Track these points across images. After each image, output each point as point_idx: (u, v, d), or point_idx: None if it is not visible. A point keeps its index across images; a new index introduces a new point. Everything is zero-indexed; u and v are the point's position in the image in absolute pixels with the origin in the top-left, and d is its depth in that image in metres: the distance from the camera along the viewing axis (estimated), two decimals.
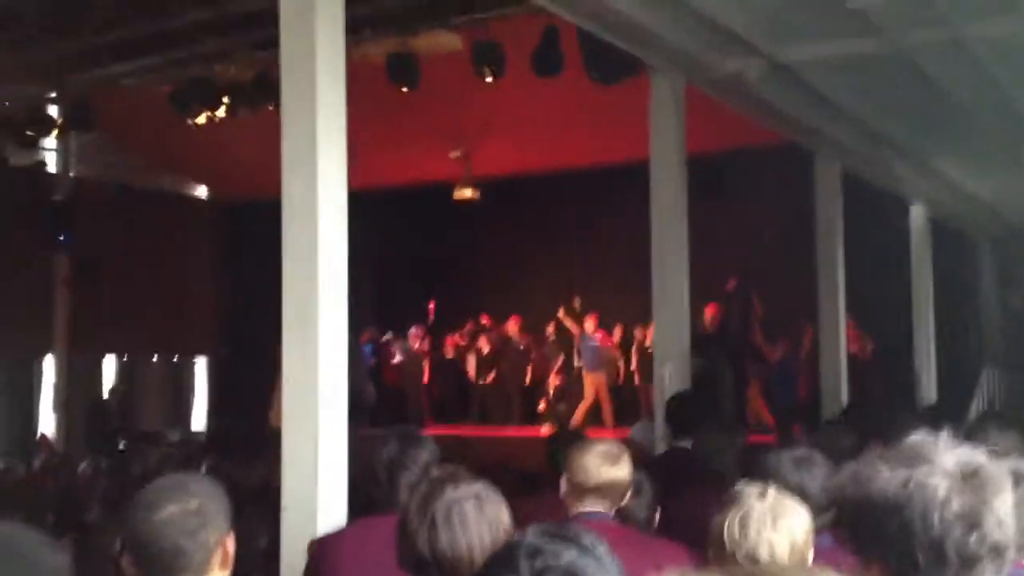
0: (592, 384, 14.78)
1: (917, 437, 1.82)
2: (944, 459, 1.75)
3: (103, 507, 6.92)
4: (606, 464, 3.38)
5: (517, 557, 1.59)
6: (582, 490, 3.38)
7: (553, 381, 15.54)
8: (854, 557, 2.27)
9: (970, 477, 1.73)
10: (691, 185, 8.70)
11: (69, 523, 5.97)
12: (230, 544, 2.44)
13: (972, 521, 1.70)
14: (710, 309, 13.17)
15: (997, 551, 1.72)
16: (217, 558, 2.40)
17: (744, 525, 2.54)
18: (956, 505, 1.70)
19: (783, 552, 2.52)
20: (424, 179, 15.57)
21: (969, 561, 1.70)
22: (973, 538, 1.70)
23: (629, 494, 3.49)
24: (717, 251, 12.85)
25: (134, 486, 7.81)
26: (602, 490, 3.37)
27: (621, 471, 3.41)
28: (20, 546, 1.71)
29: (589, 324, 14.83)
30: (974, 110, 9.84)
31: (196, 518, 2.36)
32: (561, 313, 15.23)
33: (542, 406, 15.52)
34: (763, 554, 2.50)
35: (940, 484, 1.72)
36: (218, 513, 2.43)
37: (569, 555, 1.59)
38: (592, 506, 3.39)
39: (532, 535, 1.65)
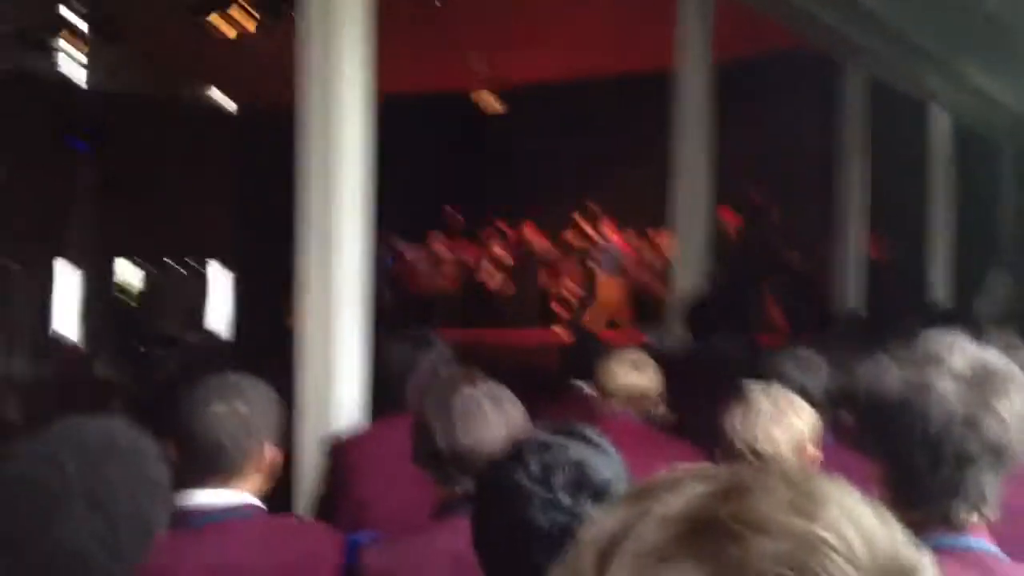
0: (609, 289, 14.81)
1: (932, 339, 1.83)
2: (955, 360, 1.77)
3: (126, 408, 7.01)
4: (633, 371, 3.52)
5: (526, 450, 1.62)
6: (607, 394, 3.51)
7: (570, 286, 15.58)
8: (854, 455, 2.29)
9: (977, 378, 1.75)
10: (716, 91, 8.59)
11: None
12: (271, 453, 2.47)
13: (971, 422, 1.72)
14: (730, 217, 13.12)
15: (996, 450, 1.74)
16: (255, 465, 2.44)
17: (747, 420, 2.60)
18: (956, 405, 1.73)
19: (786, 447, 2.57)
20: (447, 87, 15.44)
21: (965, 460, 1.73)
22: (971, 437, 1.72)
23: (656, 402, 3.63)
24: (739, 158, 12.75)
25: (156, 388, 7.90)
26: (626, 395, 3.49)
27: (646, 378, 3.54)
28: (125, 438, 1.74)
29: (608, 229, 14.81)
30: (1003, 16, 9.65)
31: (242, 422, 2.40)
32: (579, 219, 15.20)
33: (558, 310, 15.59)
34: (766, 448, 2.54)
35: (943, 384, 1.74)
36: (264, 422, 2.47)
37: (577, 448, 1.62)
38: (618, 409, 3.53)
39: (541, 431, 1.68)
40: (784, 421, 2.60)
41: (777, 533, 0.71)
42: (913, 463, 1.76)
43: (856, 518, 0.73)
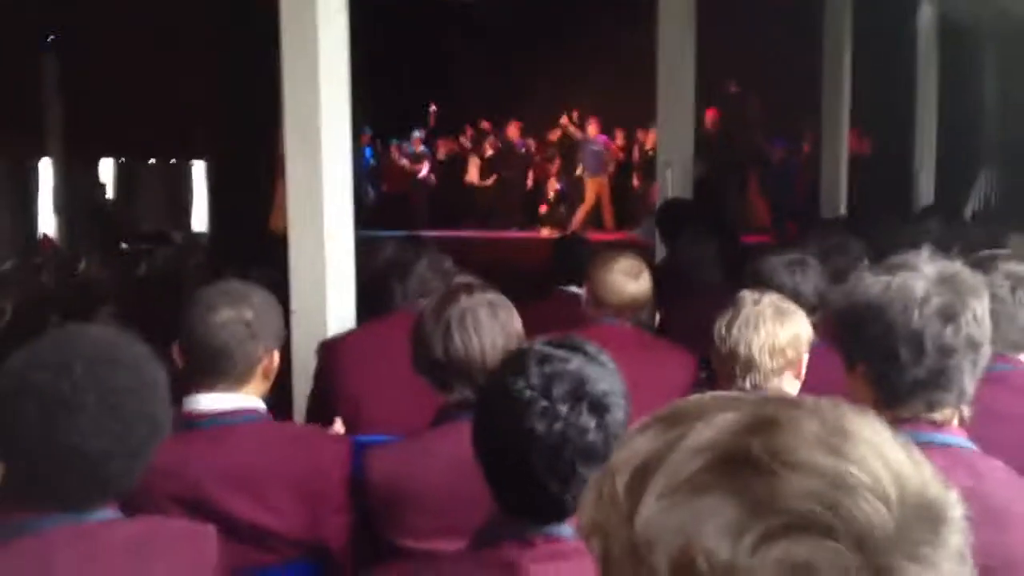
0: (593, 187, 14.81)
1: (907, 254, 1.93)
2: (927, 267, 1.89)
3: (111, 305, 7.03)
4: (630, 281, 3.52)
5: (528, 362, 1.67)
6: (605, 305, 3.51)
7: (553, 184, 15.55)
8: (837, 358, 2.35)
9: (948, 279, 1.87)
10: None
11: (77, 322, 6.05)
12: (275, 359, 2.54)
13: (948, 315, 1.83)
14: (711, 112, 13.06)
15: (972, 344, 1.85)
16: (259, 370, 2.50)
17: (735, 323, 2.64)
18: (935, 302, 1.84)
19: (781, 352, 2.61)
20: None
21: (946, 352, 1.84)
22: (949, 330, 1.83)
23: (647, 308, 3.64)
24: (722, 53, 12.64)
25: (139, 285, 7.92)
26: (624, 305, 3.51)
27: (642, 286, 3.54)
28: (122, 343, 1.78)
29: (592, 128, 14.74)
30: None
31: (247, 328, 2.44)
32: (564, 120, 15.10)
33: (543, 208, 15.59)
34: (742, 350, 2.60)
35: (919, 284, 1.85)
36: (269, 328, 2.52)
37: (576, 361, 1.67)
38: (608, 312, 3.53)
39: (541, 343, 1.73)
40: (779, 327, 2.63)
41: (808, 470, 0.74)
42: (898, 357, 1.85)
43: (885, 455, 0.76)
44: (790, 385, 2.64)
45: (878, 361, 1.89)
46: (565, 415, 1.61)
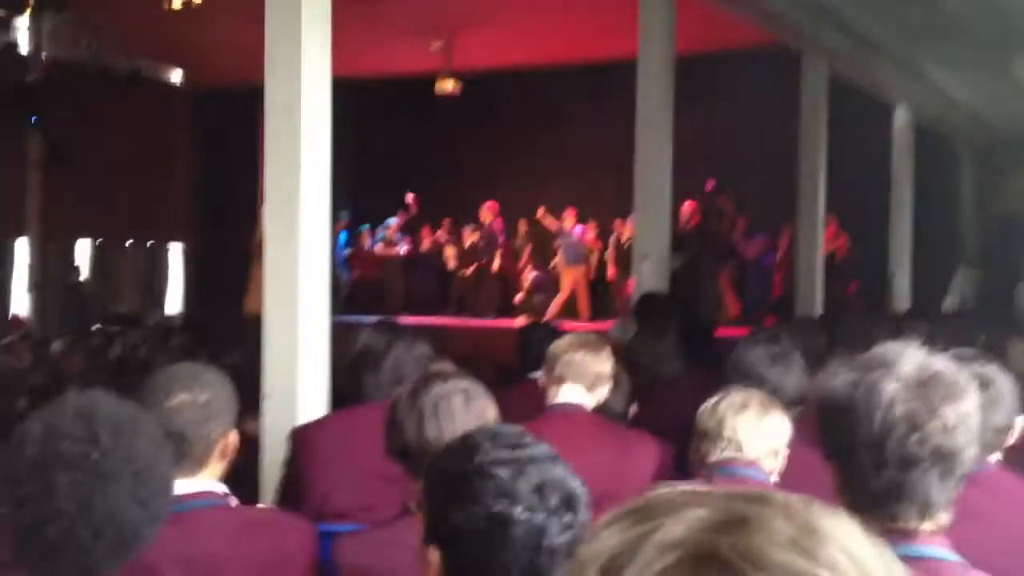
0: (569, 278, 14.86)
1: (887, 345, 1.85)
2: (904, 364, 1.77)
3: (80, 388, 6.93)
4: (585, 346, 3.40)
5: (489, 465, 1.66)
6: (560, 367, 3.37)
7: (527, 273, 15.60)
8: (818, 452, 2.32)
9: (924, 383, 1.75)
10: (678, 84, 8.63)
11: (46, 404, 5.97)
12: (232, 438, 2.51)
13: (914, 423, 1.72)
14: (687, 207, 13.21)
15: (941, 455, 1.73)
16: (217, 451, 2.47)
17: (721, 413, 2.65)
18: (899, 408, 1.73)
19: (757, 440, 2.62)
20: (405, 71, 15.39)
21: (908, 462, 1.73)
22: (913, 439, 1.72)
23: (609, 387, 3.49)
24: (700, 151, 12.83)
25: (111, 367, 7.80)
26: (577, 369, 3.35)
27: (596, 355, 3.40)
28: (129, 408, 1.81)
29: (568, 219, 14.84)
30: (962, 14, 9.78)
31: (204, 410, 2.42)
32: (541, 210, 15.21)
33: (518, 298, 15.61)
34: (727, 429, 2.61)
35: (888, 387, 1.74)
36: (226, 408, 2.50)
37: (537, 463, 1.68)
38: (569, 394, 3.38)
39: (496, 447, 1.70)
40: (755, 412, 2.64)
41: (778, 572, 0.71)
42: (859, 464, 1.77)
43: (857, 558, 0.74)
44: (766, 477, 2.63)
45: (841, 465, 1.82)
46: (568, 522, 1.62)
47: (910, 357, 1.79)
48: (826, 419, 1.84)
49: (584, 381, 3.37)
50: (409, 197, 16.53)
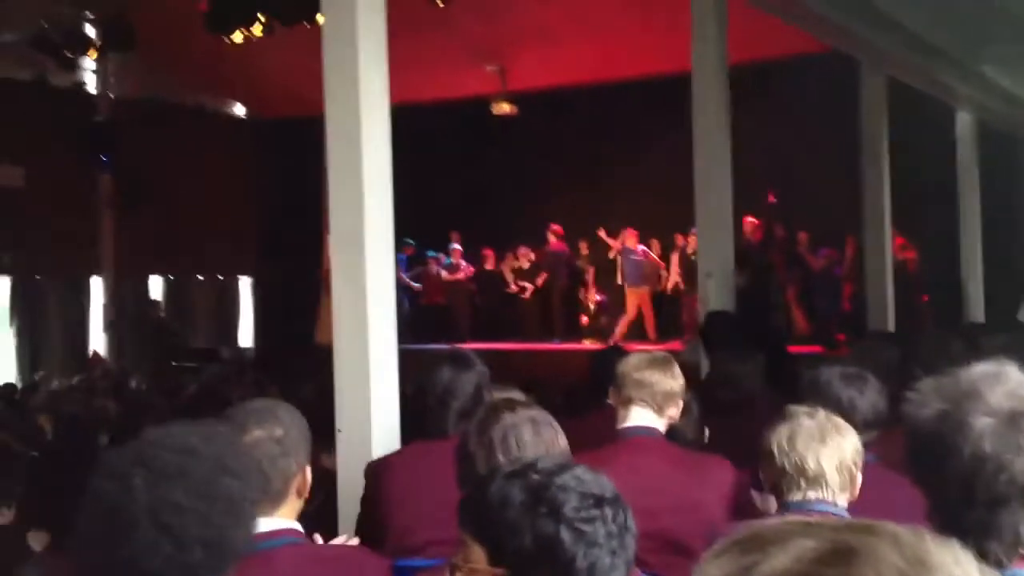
0: (634, 298, 14.79)
1: (976, 369, 1.79)
2: (994, 394, 1.73)
3: (158, 425, 7.05)
4: (650, 366, 3.37)
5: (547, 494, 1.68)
6: (629, 387, 3.35)
7: (592, 295, 15.58)
8: (895, 476, 2.27)
9: (1014, 417, 1.70)
10: (734, 95, 8.59)
11: (126, 439, 6.09)
12: (307, 474, 2.52)
13: (1001, 462, 1.68)
14: (750, 222, 13.11)
15: None
16: (294, 486, 2.49)
17: (793, 438, 2.60)
18: (988, 445, 1.68)
19: (832, 465, 2.57)
20: (461, 95, 15.50)
21: (998, 501, 1.69)
22: (1003, 479, 1.68)
23: (679, 410, 3.44)
24: (761, 162, 12.74)
25: (188, 403, 7.94)
26: (646, 392, 3.33)
27: (668, 376, 3.37)
28: (205, 453, 1.72)
29: (630, 238, 14.78)
30: (1018, 11, 9.63)
31: (279, 446, 2.44)
32: (602, 232, 15.19)
33: (584, 320, 15.59)
34: (811, 464, 2.56)
35: (977, 422, 1.70)
36: (300, 444, 2.51)
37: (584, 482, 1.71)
38: (639, 417, 3.34)
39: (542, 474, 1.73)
40: (829, 441, 2.59)
41: None
42: (948, 499, 1.74)
43: None
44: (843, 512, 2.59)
45: (931, 496, 1.79)
46: (615, 547, 1.65)
47: (1001, 385, 1.75)
48: (915, 449, 1.81)
49: (654, 401, 3.34)
50: (454, 245, 16.53)
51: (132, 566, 1.61)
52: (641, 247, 14.90)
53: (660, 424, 3.38)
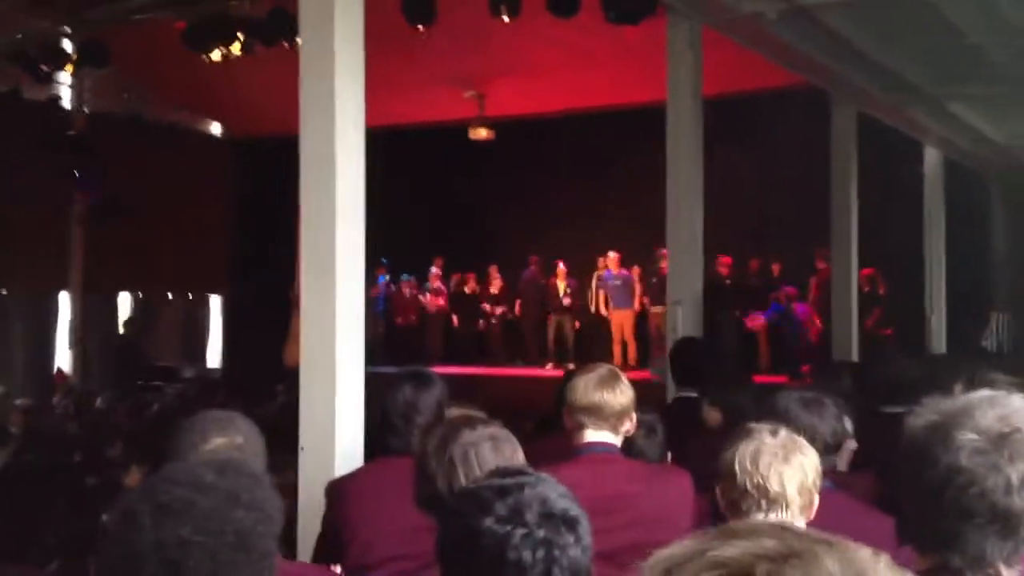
0: (618, 322, 14.85)
1: (977, 393, 1.81)
2: (985, 415, 1.75)
3: (125, 443, 7.02)
4: (598, 384, 3.32)
5: (490, 497, 1.72)
6: (579, 414, 3.31)
7: (566, 321, 15.64)
8: (848, 499, 2.28)
9: (999, 438, 1.72)
10: (707, 127, 8.68)
11: (92, 459, 6.06)
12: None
13: (974, 477, 1.70)
14: (725, 260, 13.28)
15: (1002, 516, 1.70)
16: None
17: (756, 457, 2.56)
18: (965, 459, 1.71)
19: (793, 486, 2.55)
20: (439, 119, 15.55)
21: (964, 514, 1.71)
22: (972, 492, 1.70)
23: (633, 423, 3.40)
24: (731, 193, 12.84)
25: (153, 423, 7.87)
26: (595, 411, 3.29)
27: (617, 392, 3.33)
28: (218, 486, 1.67)
29: (612, 262, 14.85)
30: (991, 53, 9.79)
31: (240, 453, 2.44)
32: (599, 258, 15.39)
33: (563, 345, 15.65)
34: (773, 485, 2.53)
35: (960, 436, 1.72)
36: (258, 452, 2.52)
37: (533, 485, 1.75)
38: (595, 434, 3.32)
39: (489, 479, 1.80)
40: (793, 460, 2.58)
41: None
42: (919, 507, 1.78)
43: None
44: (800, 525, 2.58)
45: (907, 506, 1.83)
46: (545, 537, 1.65)
47: (996, 409, 1.76)
48: (902, 457, 1.83)
49: (608, 422, 3.31)
50: (434, 268, 16.58)
51: None
52: (623, 271, 14.95)
53: (616, 440, 3.37)
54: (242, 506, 1.65)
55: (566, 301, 15.53)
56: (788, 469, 2.56)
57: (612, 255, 14.91)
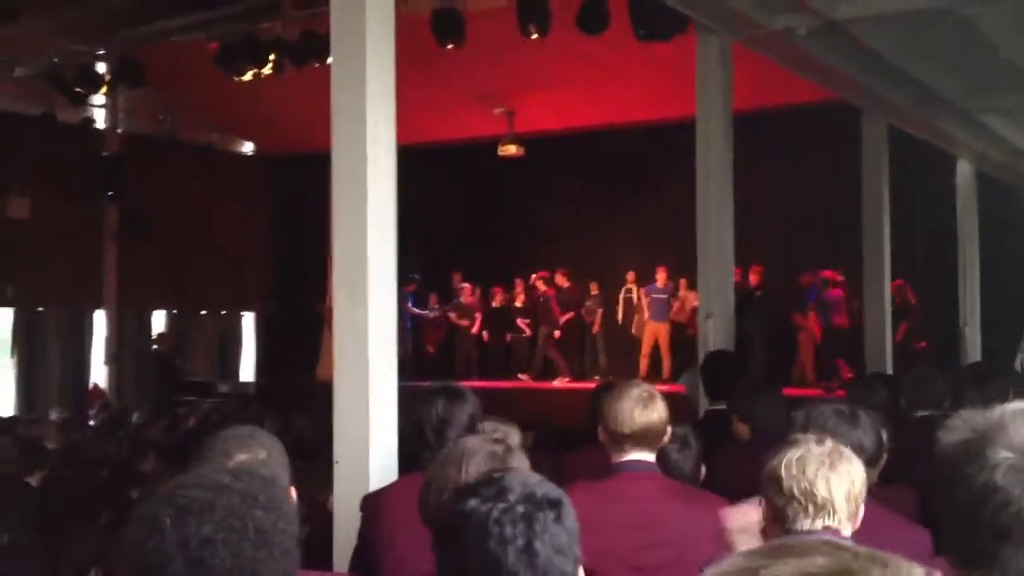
0: (652, 334, 14.85)
1: (1010, 405, 1.77)
2: (1019, 431, 1.73)
3: (159, 458, 7.08)
4: (640, 408, 3.32)
5: (475, 487, 1.79)
6: (621, 437, 3.32)
7: (598, 334, 15.66)
8: (888, 513, 2.27)
9: None
10: (738, 142, 8.68)
11: (126, 474, 6.12)
12: (293, 496, 2.53)
13: (1010, 496, 1.68)
14: (757, 269, 13.23)
15: None
16: None
17: (803, 463, 2.53)
18: (1000, 477, 1.69)
19: (840, 493, 2.51)
20: (469, 136, 15.62)
21: (999, 535, 1.69)
22: (1009, 511, 1.68)
23: (668, 436, 3.43)
24: (764, 208, 12.83)
25: (188, 437, 7.94)
26: (639, 436, 3.31)
27: (655, 414, 3.34)
28: (237, 486, 1.68)
29: (660, 276, 14.86)
30: (1017, 63, 9.74)
31: (266, 468, 2.43)
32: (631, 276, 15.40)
33: (595, 359, 15.66)
34: (820, 491, 2.49)
35: (995, 454, 1.70)
36: (283, 466, 2.53)
37: (514, 474, 1.82)
38: (633, 453, 3.34)
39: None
40: (840, 468, 2.53)
41: None
42: (957, 525, 1.75)
43: None
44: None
45: (945, 523, 1.79)
46: (526, 512, 1.70)
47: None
48: (938, 475, 1.79)
49: (647, 442, 3.33)
50: (462, 284, 16.61)
51: None
52: (670, 284, 14.96)
53: (653, 456, 3.39)
54: (260, 506, 1.66)
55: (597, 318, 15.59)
56: (835, 476, 2.51)
57: (661, 269, 14.88)
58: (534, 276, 15.64)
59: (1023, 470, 1.68)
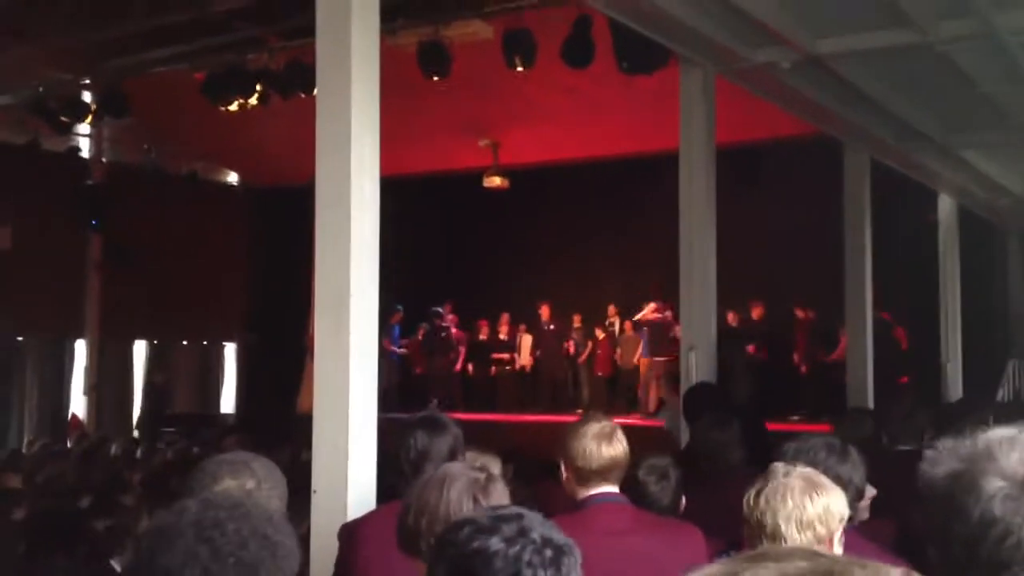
0: (649, 366, 14.83)
1: (995, 432, 1.79)
2: (1010, 458, 1.70)
3: (141, 489, 7.02)
4: (605, 443, 3.32)
5: (478, 522, 1.74)
6: (588, 473, 3.31)
7: (589, 368, 15.69)
8: (870, 545, 2.26)
9: None
10: (721, 175, 8.73)
11: (106, 505, 6.06)
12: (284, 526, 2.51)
13: (1009, 527, 1.65)
14: (758, 308, 13.35)
15: None
16: None
17: (759, 495, 2.58)
18: (997, 508, 1.66)
19: (791, 525, 2.53)
20: (454, 167, 15.66)
21: (1000, 565, 1.65)
22: (1009, 543, 1.65)
23: (625, 467, 3.42)
24: (746, 241, 12.85)
25: (168, 468, 7.87)
26: (606, 470, 3.31)
27: (620, 446, 3.34)
28: (229, 521, 1.74)
29: (650, 311, 14.83)
30: (1003, 102, 9.83)
31: (248, 496, 2.40)
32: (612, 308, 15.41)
33: (587, 392, 15.67)
34: (768, 520, 2.54)
35: (988, 484, 1.68)
36: (276, 495, 2.51)
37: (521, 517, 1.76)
38: (602, 487, 3.33)
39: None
40: (809, 500, 2.56)
41: None
42: (953, 559, 1.70)
43: None
44: None
45: (938, 555, 1.74)
46: (553, 557, 1.69)
47: (1016, 450, 1.71)
48: (926, 508, 1.76)
49: (612, 475, 3.33)
50: (447, 315, 16.60)
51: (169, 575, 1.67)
52: (656, 315, 14.93)
53: (617, 488, 3.39)
54: (271, 525, 1.76)
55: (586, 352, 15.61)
56: (783, 507, 2.54)
57: (654, 305, 14.84)
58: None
59: (1018, 498, 1.66)
